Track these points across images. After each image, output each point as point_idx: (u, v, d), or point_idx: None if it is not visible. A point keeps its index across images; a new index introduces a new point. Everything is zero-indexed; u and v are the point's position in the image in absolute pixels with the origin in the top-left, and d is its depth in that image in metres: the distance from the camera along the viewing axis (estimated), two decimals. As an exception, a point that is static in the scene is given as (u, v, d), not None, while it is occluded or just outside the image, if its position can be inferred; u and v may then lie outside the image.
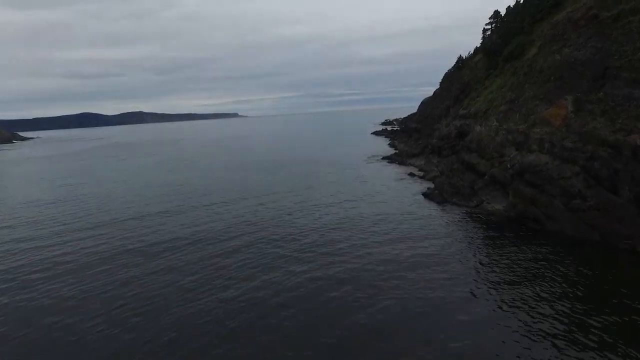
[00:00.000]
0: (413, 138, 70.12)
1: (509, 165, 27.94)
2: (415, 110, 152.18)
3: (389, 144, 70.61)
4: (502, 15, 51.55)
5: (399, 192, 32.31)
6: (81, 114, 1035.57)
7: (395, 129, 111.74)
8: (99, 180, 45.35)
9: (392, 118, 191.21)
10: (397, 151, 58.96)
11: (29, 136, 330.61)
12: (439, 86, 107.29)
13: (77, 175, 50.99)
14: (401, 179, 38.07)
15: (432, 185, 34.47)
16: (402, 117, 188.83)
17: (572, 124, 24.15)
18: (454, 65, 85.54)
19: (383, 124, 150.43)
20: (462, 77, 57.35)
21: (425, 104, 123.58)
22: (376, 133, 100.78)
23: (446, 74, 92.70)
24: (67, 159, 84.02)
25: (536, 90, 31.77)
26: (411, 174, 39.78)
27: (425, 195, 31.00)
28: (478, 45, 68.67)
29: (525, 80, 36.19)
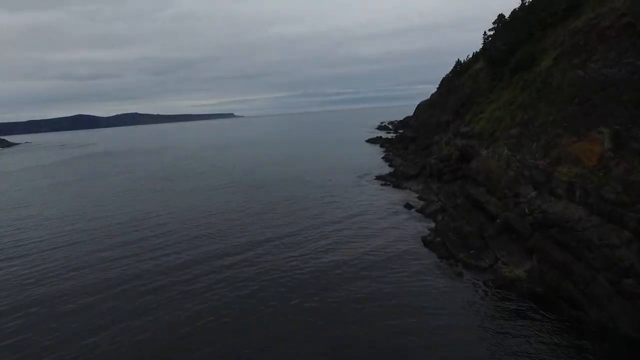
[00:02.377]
0: (409, 150, 65.05)
1: (527, 210, 22.74)
2: (411, 111, 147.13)
3: (383, 157, 65.32)
4: (507, 18, 46.21)
5: (393, 235, 26.92)
6: (76, 116, 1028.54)
7: (390, 135, 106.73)
8: (47, 214, 39.14)
9: (388, 120, 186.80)
10: (392, 168, 53.71)
11: (18, 141, 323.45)
12: (435, 89, 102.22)
13: (29, 205, 44.90)
14: (396, 212, 32.73)
15: (432, 225, 29.28)
16: (398, 119, 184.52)
17: (612, 167, 18.90)
18: (452, 69, 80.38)
19: (378, 128, 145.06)
20: (463, 88, 52.09)
21: (422, 107, 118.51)
22: (371, 141, 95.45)
23: (444, 79, 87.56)
24: (36, 174, 78.11)
25: (556, 113, 26.55)
26: (408, 205, 34.47)
27: (425, 242, 25.70)
28: (478, 50, 63.52)
29: (540, 97, 30.98)
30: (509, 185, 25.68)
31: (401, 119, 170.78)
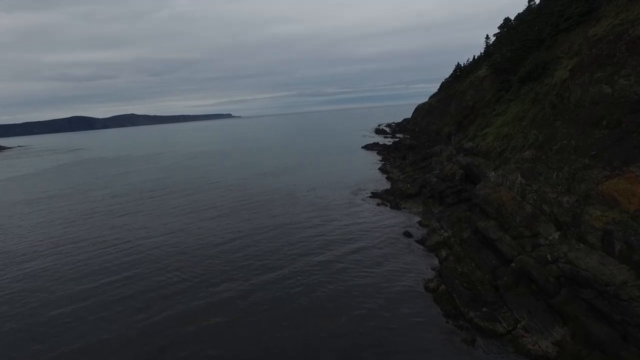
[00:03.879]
0: (408, 161, 61.34)
1: (549, 257, 19.02)
2: (410, 111, 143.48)
3: (380, 168, 61.58)
4: (512, 22, 42.45)
5: (391, 285, 22.84)
6: (72, 117, 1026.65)
7: (388, 140, 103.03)
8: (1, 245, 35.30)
9: (386, 122, 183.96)
10: (389, 182, 50.03)
11: (11, 145, 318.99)
12: (434, 88, 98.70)
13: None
14: (394, 245, 28.96)
15: (435, 261, 25.61)
16: (396, 120, 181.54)
17: (662, 215, 15.18)
18: (452, 73, 76.91)
19: (376, 131, 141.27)
20: (465, 95, 48.33)
21: (420, 111, 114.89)
22: (367, 147, 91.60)
23: (443, 83, 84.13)
24: (9, 188, 74.10)
25: (578, 137, 22.84)
26: (407, 234, 30.80)
27: (427, 288, 22.00)
28: (478, 52, 59.89)
29: (556, 115, 27.33)
30: (526, 222, 21.93)
31: (399, 120, 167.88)
